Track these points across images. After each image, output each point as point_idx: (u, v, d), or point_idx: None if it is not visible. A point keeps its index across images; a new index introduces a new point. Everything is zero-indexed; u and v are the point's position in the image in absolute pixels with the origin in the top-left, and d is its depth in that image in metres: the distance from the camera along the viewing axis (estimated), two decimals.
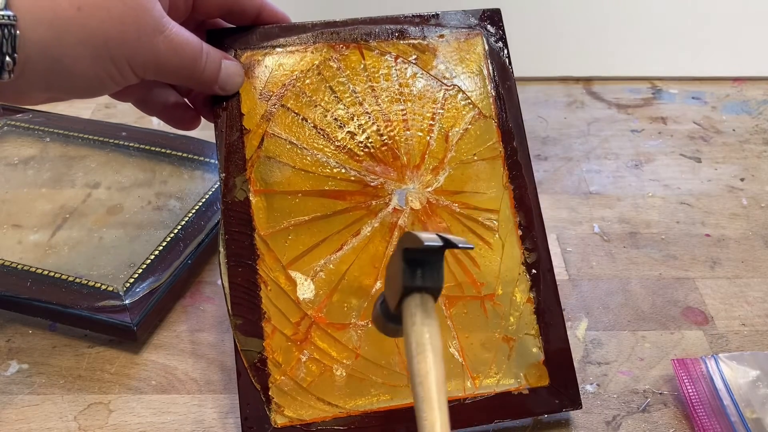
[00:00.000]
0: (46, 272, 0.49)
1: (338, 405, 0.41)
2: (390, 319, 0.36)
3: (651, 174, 0.65)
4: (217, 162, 0.59)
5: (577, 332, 0.50)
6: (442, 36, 0.46)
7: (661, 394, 0.46)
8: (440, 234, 0.32)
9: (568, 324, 0.49)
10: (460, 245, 0.32)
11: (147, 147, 0.60)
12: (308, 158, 0.43)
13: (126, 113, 0.70)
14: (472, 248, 0.35)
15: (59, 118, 0.64)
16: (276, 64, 0.44)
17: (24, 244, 0.52)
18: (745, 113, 0.73)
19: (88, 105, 0.71)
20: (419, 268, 0.33)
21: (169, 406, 0.45)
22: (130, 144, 0.61)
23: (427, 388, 0.31)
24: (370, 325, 0.42)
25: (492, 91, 0.46)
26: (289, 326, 0.42)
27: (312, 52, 0.45)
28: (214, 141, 0.64)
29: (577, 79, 0.77)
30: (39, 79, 0.34)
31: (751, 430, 0.41)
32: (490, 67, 0.46)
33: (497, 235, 0.44)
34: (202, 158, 0.60)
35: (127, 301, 0.47)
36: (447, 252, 0.43)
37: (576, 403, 0.43)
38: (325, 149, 0.44)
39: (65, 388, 0.45)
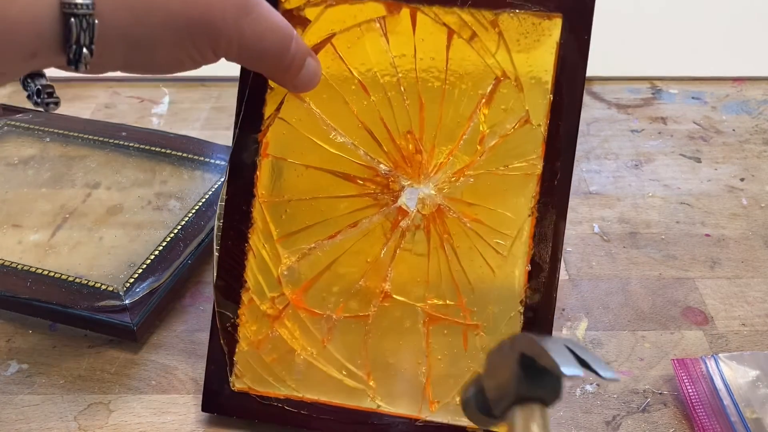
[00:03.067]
0: (46, 272, 0.49)
1: (295, 388, 0.42)
2: (485, 412, 0.32)
3: (651, 174, 0.65)
4: (218, 162, 0.60)
5: (577, 332, 0.50)
6: (513, 12, 0.38)
7: (661, 394, 0.46)
8: (579, 354, 0.27)
9: (567, 324, 0.49)
10: (604, 376, 0.26)
11: (147, 147, 0.60)
12: (324, 131, 0.41)
13: (126, 113, 0.70)
14: (618, 380, 0.30)
15: (59, 118, 0.64)
16: (317, 16, 0.39)
17: (24, 244, 0.52)
18: (745, 113, 0.73)
19: (88, 105, 0.71)
20: (538, 376, 0.28)
21: (169, 406, 0.45)
22: (130, 144, 0.61)
23: None
24: (343, 320, 0.42)
25: (551, 94, 0.39)
26: (267, 300, 0.42)
27: (362, 6, 0.39)
28: (213, 141, 0.64)
29: None
30: (116, 62, 0.32)
31: (751, 430, 0.41)
32: (559, 64, 0.39)
33: (505, 264, 0.40)
34: (202, 158, 0.60)
35: (127, 301, 0.47)
36: (444, 268, 0.40)
37: None
38: (347, 124, 0.40)
39: (65, 388, 0.45)
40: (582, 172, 0.65)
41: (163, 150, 0.60)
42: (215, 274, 0.41)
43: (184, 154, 0.60)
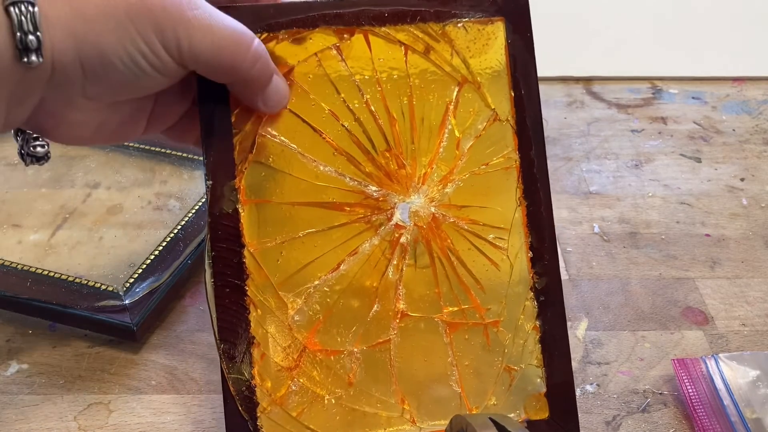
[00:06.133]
0: (46, 272, 0.49)
1: None
2: None
3: (651, 174, 0.65)
4: None
5: (577, 332, 0.50)
6: (459, 22, 0.40)
7: (661, 394, 0.46)
8: (499, 422, 0.31)
9: (568, 324, 0.49)
10: None
11: (147, 147, 0.60)
12: (304, 164, 0.40)
13: None
14: None
15: None
16: (270, 52, 0.39)
17: (24, 244, 0.52)
18: (745, 113, 0.73)
19: None
20: None
21: (169, 406, 0.45)
22: (130, 144, 0.61)
23: None
24: (365, 351, 0.40)
25: (511, 90, 0.41)
26: (280, 352, 0.39)
27: (311, 38, 0.39)
28: None
29: (577, 79, 0.77)
30: (73, 67, 0.32)
31: (751, 430, 0.41)
32: (511, 62, 0.41)
33: (506, 256, 0.41)
34: (202, 158, 0.59)
35: (127, 301, 0.47)
36: (451, 274, 0.41)
37: None
38: (324, 154, 0.40)
39: (65, 388, 0.45)
40: (582, 172, 0.65)
41: (163, 150, 0.60)
42: (217, 337, 0.39)
43: (184, 154, 0.60)
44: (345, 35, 0.40)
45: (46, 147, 0.36)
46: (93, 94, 0.34)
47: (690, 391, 0.44)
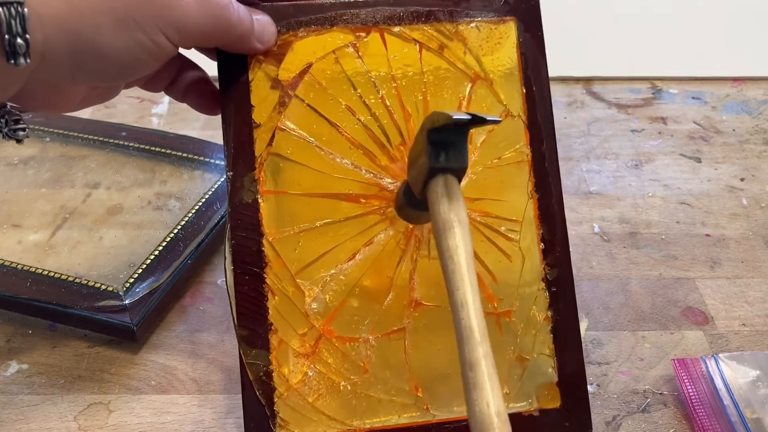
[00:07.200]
0: (46, 272, 0.49)
1: (345, 422, 0.40)
2: (414, 205, 0.37)
3: (651, 174, 0.65)
4: (218, 162, 0.60)
5: None
6: (471, 21, 0.42)
7: (661, 394, 0.46)
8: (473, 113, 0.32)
9: None
10: (488, 119, 0.31)
11: (147, 147, 0.60)
12: (321, 157, 0.41)
13: (126, 113, 0.70)
14: (499, 122, 0.35)
15: (59, 117, 0.64)
16: (289, 49, 0.40)
17: (24, 244, 0.52)
18: (745, 113, 0.73)
19: None
20: (444, 149, 0.33)
21: (169, 407, 0.45)
22: (130, 144, 0.61)
23: (457, 261, 0.32)
24: (380, 339, 0.41)
25: (523, 87, 0.42)
26: (297, 339, 0.40)
27: (329, 36, 0.41)
28: (213, 141, 0.64)
29: (577, 79, 0.77)
30: (64, 62, 0.32)
31: (751, 430, 0.41)
32: (522, 60, 0.42)
33: (518, 248, 0.42)
34: (202, 158, 0.60)
35: (127, 301, 0.47)
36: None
37: (587, 427, 0.41)
38: (341, 147, 0.41)
39: (65, 388, 0.45)
40: (582, 172, 0.65)
41: (163, 150, 0.60)
42: (236, 323, 0.39)
43: (184, 154, 0.60)
44: (361, 34, 0.41)
45: (26, 131, 0.37)
46: (81, 81, 0.34)
47: (690, 391, 0.44)
